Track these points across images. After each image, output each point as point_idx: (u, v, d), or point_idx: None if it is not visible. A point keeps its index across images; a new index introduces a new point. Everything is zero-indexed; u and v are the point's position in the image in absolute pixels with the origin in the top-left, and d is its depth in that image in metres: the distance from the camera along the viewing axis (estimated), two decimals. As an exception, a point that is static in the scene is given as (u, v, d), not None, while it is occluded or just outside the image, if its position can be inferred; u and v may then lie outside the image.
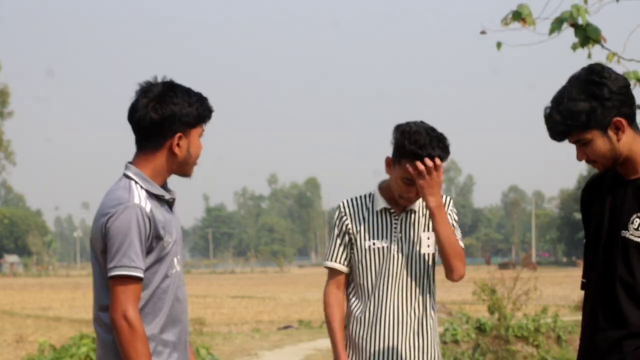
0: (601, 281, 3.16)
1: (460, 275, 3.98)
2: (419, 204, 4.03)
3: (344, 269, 4.06)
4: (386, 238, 3.99)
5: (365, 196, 4.09)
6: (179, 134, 3.31)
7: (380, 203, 4.02)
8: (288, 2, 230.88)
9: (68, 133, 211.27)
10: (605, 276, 3.15)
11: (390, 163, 3.95)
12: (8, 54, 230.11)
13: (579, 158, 3.16)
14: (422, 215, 4.04)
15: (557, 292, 36.86)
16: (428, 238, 4.00)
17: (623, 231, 3.10)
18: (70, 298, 39.19)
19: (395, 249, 3.98)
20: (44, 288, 53.25)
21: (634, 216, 3.08)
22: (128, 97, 3.40)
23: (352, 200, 4.08)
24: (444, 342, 14.48)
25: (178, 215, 3.46)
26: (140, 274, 3.20)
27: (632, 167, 3.13)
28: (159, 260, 3.28)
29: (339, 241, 4.06)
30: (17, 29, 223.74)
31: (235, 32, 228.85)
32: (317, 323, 22.29)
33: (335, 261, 4.06)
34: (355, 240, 4.03)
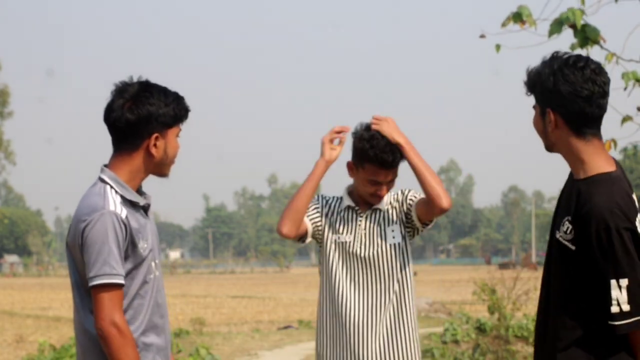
0: (544, 284, 3.16)
1: (447, 200, 4.00)
2: (386, 204, 4.15)
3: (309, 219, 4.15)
4: (350, 233, 4.11)
5: (335, 197, 4.24)
6: (155, 135, 3.28)
7: (346, 202, 4.17)
8: (289, 2, 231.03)
9: (68, 133, 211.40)
10: (546, 279, 3.16)
11: (353, 167, 4.14)
12: (8, 54, 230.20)
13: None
14: (387, 211, 4.15)
15: (557, 292, 36.78)
16: (392, 230, 4.11)
17: (556, 231, 3.08)
18: (70, 298, 38.88)
19: (359, 245, 4.08)
20: (44, 288, 53.20)
21: (565, 218, 3.04)
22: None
23: (326, 196, 4.25)
24: (443, 342, 14.48)
25: (153, 219, 3.44)
26: (122, 281, 3.19)
27: (573, 168, 3.10)
28: (136, 267, 3.27)
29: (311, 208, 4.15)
30: (17, 29, 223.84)
31: (236, 32, 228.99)
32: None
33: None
34: (323, 231, 4.15)
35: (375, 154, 4.02)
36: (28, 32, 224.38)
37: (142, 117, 3.25)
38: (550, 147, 3.15)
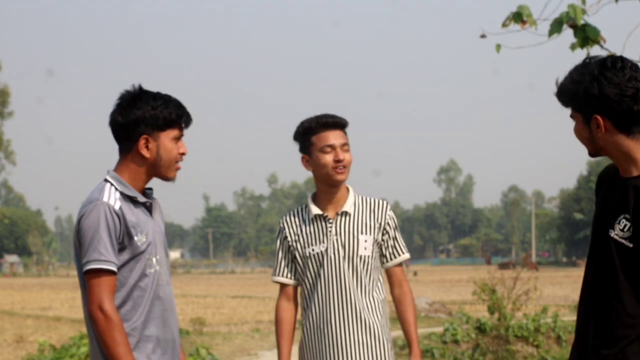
0: (592, 284, 3.13)
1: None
2: (352, 206, 4.15)
3: (289, 281, 4.21)
4: (323, 242, 4.11)
5: (301, 207, 4.24)
6: (144, 137, 3.46)
7: (314, 210, 4.15)
8: (288, 2, 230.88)
9: (68, 133, 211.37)
10: (594, 279, 3.12)
11: (306, 157, 4.15)
12: (8, 54, 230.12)
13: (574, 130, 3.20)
14: (358, 216, 4.15)
15: (557, 292, 36.84)
16: (365, 241, 4.11)
17: (610, 230, 3.06)
18: (70, 298, 39.17)
19: (332, 252, 4.09)
20: (44, 288, 53.23)
21: (621, 216, 3.04)
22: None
23: (290, 213, 4.25)
24: (443, 342, 14.47)
25: (159, 219, 3.58)
26: (111, 267, 3.32)
27: (624, 167, 3.10)
28: (133, 258, 3.40)
29: (281, 255, 4.22)
30: (17, 29, 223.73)
31: (237, 33, 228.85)
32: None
33: (280, 275, 4.22)
34: (297, 250, 4.16)
35: (317, 119, 4.11)
36: (28, 32, 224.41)
37: (130, 121, 3.45)
38: (596, 153, 3.15)
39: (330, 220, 4.12)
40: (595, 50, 6.00)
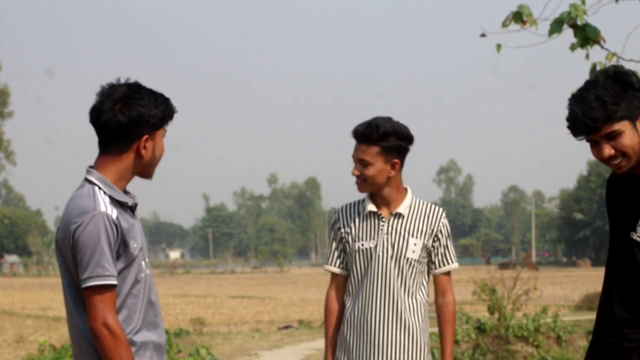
0: (613, 286, 3.10)
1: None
2: (407, 208, 4.18)
3: (339, 271, 4.24)
4: (373, 239, 4.14)
5: (358, 201, 4.27)
6: (146, 136, 3.28)
7: (368, 207, 4.18)
8: (288, 1, 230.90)
9: (68, 133, 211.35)
10: (616, 281, 3.09)
11: None
12: (8, 54, 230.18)
13: (605, 154, 2.95)
14: (411, 219, 4.17)
15: (557, 292, 36.86)
16: (415, 244, 4.13)
17: (631, 232, 3.03)
18: (70, 298, 39.14)
19: (381, 249, 4.12)
20: (44, 288, 53.23)
21: None
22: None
23: (346, 205, 4.29)
24: (444, 342, 14.46)
25: (139, 219, 3.44)
26: (114, 282, 3.18)
27: None
28: (127, 266, 3.26)
29: (334, 245, 4.27)
30: (17, 29, 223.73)
31: (237, 32, 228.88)
32: (317, 323, 22.30)
33: (332, 264, 4.26)
34: (347, 242, 4.20)
35: (355, 127, 4.13)
36: (28, 32, 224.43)
37: (133, 119, 3.24)
38: None
39: (384, 219, 4.16)
40: (596, 50, 6.00)
